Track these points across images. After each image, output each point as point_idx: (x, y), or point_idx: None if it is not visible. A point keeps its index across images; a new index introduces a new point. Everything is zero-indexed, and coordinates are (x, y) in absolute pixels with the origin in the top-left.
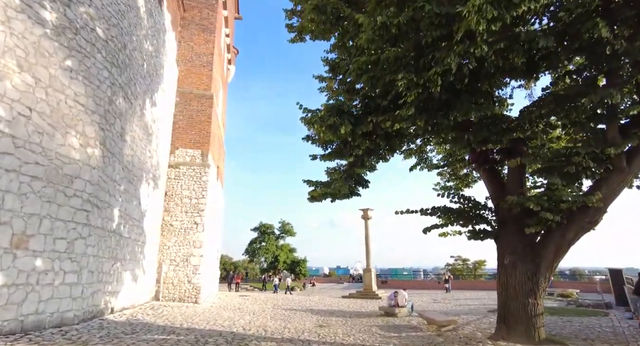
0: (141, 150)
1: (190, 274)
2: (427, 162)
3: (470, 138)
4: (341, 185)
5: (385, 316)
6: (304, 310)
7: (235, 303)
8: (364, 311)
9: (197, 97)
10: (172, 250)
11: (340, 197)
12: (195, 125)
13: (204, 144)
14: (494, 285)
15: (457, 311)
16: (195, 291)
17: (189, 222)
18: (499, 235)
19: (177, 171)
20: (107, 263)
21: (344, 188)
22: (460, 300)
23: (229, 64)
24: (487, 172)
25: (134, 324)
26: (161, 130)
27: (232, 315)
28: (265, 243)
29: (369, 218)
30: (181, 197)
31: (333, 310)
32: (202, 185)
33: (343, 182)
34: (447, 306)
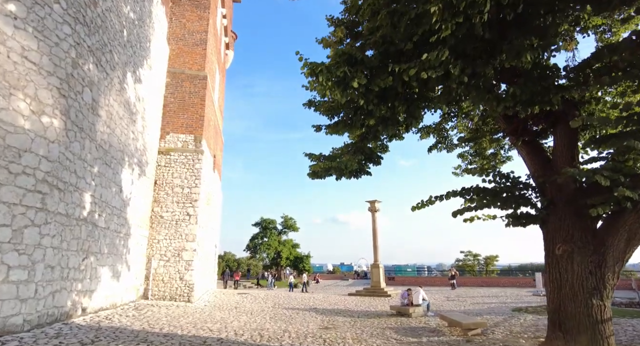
0: (122, 129)
1: (182, 270)
2: (447, 141)
3: (517, 92)
4: (349, 159)
5: (398, 317)
6: (307, 309)
7: (233, 302)
8: (374, 311)
9: (189, 77)
10: (162, 244)
11: (347, 174)
12: (187, 108)
13: (197, 129)
14: (507, 282)
15: (477, 311)
16: (188, 289)
17: (180, 213)
18: (547, 220)
19: (167, 158)
20: (75, 257)
21: (351, 163)
22: (476, 298)
23: (227, 48)
24: (527, 146)
25: (103, 329)
26: (149, 111)
27: (225, 316)
28: (268, 238)
29: (376, 210)
30: (172, 186)
31: (339, 309)
32: (195, 173)
33: (351, 155)
34: (463, 305)
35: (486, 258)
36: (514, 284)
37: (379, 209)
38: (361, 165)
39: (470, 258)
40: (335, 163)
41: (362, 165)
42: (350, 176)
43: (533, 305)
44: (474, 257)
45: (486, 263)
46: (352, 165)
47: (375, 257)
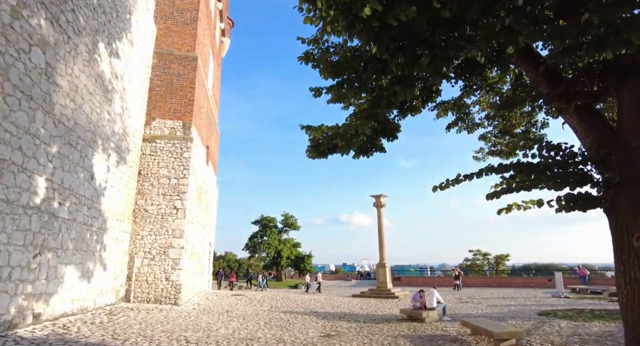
0: (92, 107)
1: (168, 270)
2: (467, 119)
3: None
4: (359, 125)
5: (410, 322)
6: (307, 312)
7: (225, 305)
8: (382, 315)
9: (178, 59)
10: (146, 240)
11: (356, 148)
12: (175, 92)
13: (186, 114)
14: (520, 282)
15: (497, 315)
16: (175, 290)
17: (167, 206)
18: (616, 202)
19: (153, 146)
20: (21, 253)
21: (363, 128)
22: (491, 300)
23: (223, 35)
24: (579, 112)
25: (48, 343)
26: (130, 93)
27: (213, 322)
28: (267, 237)
29: (382, 205)
30: (158, 176)
31: (343, 313)
32: (183, 163)
33: (363, 120)
34: (478, 307)
35: (496, 257)
36: (527, 285)
37: (385, 204)
38: (373, 136)
39: (479, 257)
40: (342, 130)
41: (375, 135)
42: (360, 153)
43: (559, 308)
44: (484, 256)
45: (496, 262)
46: (364, 131)
47: (381, 256)
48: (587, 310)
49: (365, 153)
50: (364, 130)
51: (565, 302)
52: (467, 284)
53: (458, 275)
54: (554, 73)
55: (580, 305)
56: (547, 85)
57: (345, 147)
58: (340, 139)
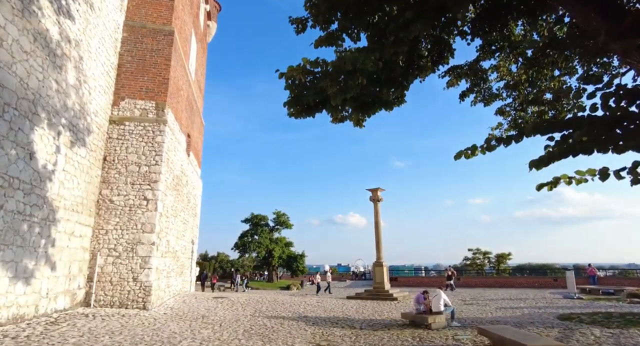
0: (28, 69)
1: (136, 269)
2: (484, 88)
3: None
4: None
5: (413, 328)
6: (295, 317)
7: (203, 309)
8: (380, 320)
9: (151, 32)
10: (111, 235)
11: (353, 93)
12: (148, 69)
13: (159, 94)
14: (524, 282)
15: (512, 319)
16: (144, 292)
17: (136, 197)
18: None
19: (121, 129)
20: None
21: (364, 62)
22: (498, 301)
23: (209, 19)
24: None
25: None
26: (90, 64)
27: (181, 330)
28: (258, 236)
29: (379, 199)
30: (126, 163)
31: (336, 318)
32: (155, 148)
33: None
34: (487, 310)
35: (497, 256)
36: (532, 285)
37: (382, 198)
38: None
39: (479, 256)
40: (334, 66)
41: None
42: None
43: (578, 310)
44: (484, 255)
45: (498, 261)
46: (365, 65)
47: (378, 254)
48: (615, 313)
49: (365, 110)
50: (365, 65)
51: (581, 304)
52: (468, 284)
53: (451, 275)
54: (613, 5)
55: (600, 308)
56: (605, 21)
57: (339, 94)
58: (330, 81)
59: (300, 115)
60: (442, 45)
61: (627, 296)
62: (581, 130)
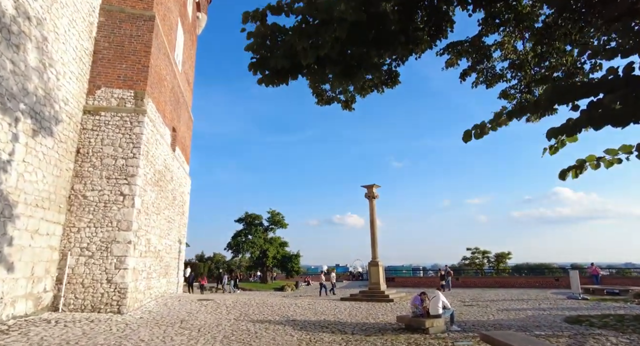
0: None
1: (110, 269)
2: (487, 66)
3: None
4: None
5: (409, 333)
6: (282, 321)
7: (184, 312)
8: (374, 323)
9: (130, 17)
10: (84, 233)
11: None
12: (127, 57)
13: (138, 83)
14: (525, 282)
15: (516, 322)
16: (119, 295)
17: (111, 192)
18: None
19: (96, 119)
20: None
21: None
22: (498, 302)
23: (198, 10)
24: None
25: None
26: (58, 46)
27: (151, 337)
28: (252, 236)
29: (374, 196)
30: (101, 156)
31: (327, 322)
32: (132, 140)
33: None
34: (488, 312)
35: (497, 256)
36: (532, 285)
37: (378, 195)
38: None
39: (478, 256)
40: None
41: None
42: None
43: (586, 312)
44: (483, 255)
45: (497, 261)
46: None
47: (374, 253)
48: (627, 316)
49: (350, 76)
50: (345, 13)
51: (587, 305)
52: (467, 284)
53: (444, 275)
54: None
55: (609, 309)
56: None
57: (310, 51)
58: (299, 35)
59: (271, 82)
60: (441, 17)
61: (635, 296)
62: (615, 94)
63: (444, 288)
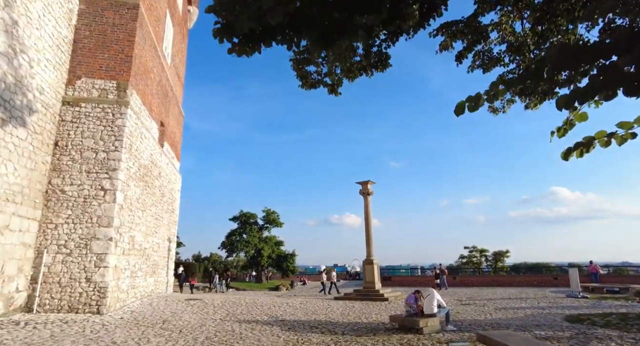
0: None
1: (90, 268)
2: (484, 51)
3: None
4: None
5: (402, 334)
6: (271, 321)
7: (168, 312)
8: (366, 323)
9: (112, 5)
10: (61, 230)
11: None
12: (109, 46)
13: (121, 73)
14: (523, 280)
15: (515, 321)
16: (98, 294)
17: (92, 187)
18: None
19: (76, 111)
20: None
21: None
22: (496, 301)
23: (189, 3)
24: None
25: None
26: (32, 32)
27: (124, 340)
28: (247, 235)
29: (369, 193)
30: (81, 149)
31: (317, 321)
32: (115, 132)
33: None
34: (485, 311)
35: (495, 254)
36: (531, 283)
37: (373, 192)
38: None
39: (476, 254)
40: None
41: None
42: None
43: (586, 311)
44: (481, 253)
45: (495, 259)
46: None
47: (369, 251)
48: (631, 314)
49: (328, 43)
50: None
51: (587, 303)
52: (464, 283)
53: (438, 274)
54: None
55: (610, 308)
56: None
57: (278, 7)
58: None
59: (243, 51)
60: None
61: (636, 294)
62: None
63: (439, 287)
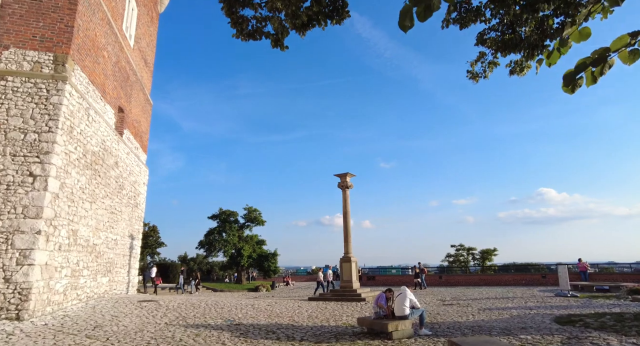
0: None
1: (10, 266)
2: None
3: None
4: None
5: (371, 338)
6: (222, 326)
7: (108, 317)
8: (333, 326)
9: None
10: None
11: None
12: (46, 14)
13: (60, 45)
14: (511, 279)
15: (498, 324)
16: (19, 297)
17: (17, 172)
18: None
19: (1, 85)
20: None
21: None
22: (481, 301)
23: None
24: None
25: None
26: None
27: None
28: (226, 233)
29: (348, 186)
30: (6, 128)
31: (278, 325)
32: (49, 111)
33: None
34: (468, 312)
35: (482, 253)
36: (519, 282)
37: (352, 185)
38: None
39: (463, 253)
40: None
41: None
42: None
43: (577, 311)
44: (468, 252)
45: (483, 258)
46: None
47: (347, 248)
48: (627, 314)
49: None
50: None
51: (577, 303)
52: (450, 283)
53: (418, 273)
54: None
55: (602, 307)
56: None
57: None
58: None
59: None
60: None
61: (629, 293)
62: None
63: (419, 286)
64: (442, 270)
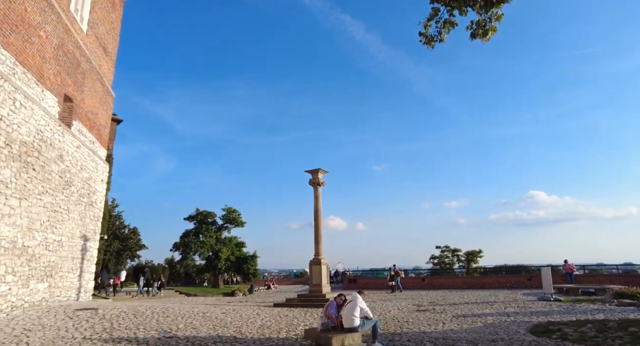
0: None
1: None
2: None
3: None
4: None
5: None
6: (150, 339)
7: (19, 329)
8: (282, 339)
9: None
10: None
11: None
12: None
13: None
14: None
15: (470, 335)
16: None
17: None
18: None
19: None
20: None
21: None
22: (460, 306)
23: None
24: None
25: None
26: None
27: None
28: (203, 235)
29: (320, 183)
30: None
31: (218, 338)
32: None
33: None
34: (440, 319)
35: (468, 254)
36: (503, 285)
37: (324, 182)
38: None
39: (448, 254)
40: None
41: None
42: None
43: (558, 318)
44: (453, 253)
45: (468, 259)
46: None
47: (317, 249)
48: (610, 322)
49: None
50: None
51: (559, 308)
52: (433, 285)
53: (393, 275)
54: None
55: (586, 313)
56: None
57: None
58: None
59: None
60: None
61: (614, 296)
62: None
63: (394, 289)
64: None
